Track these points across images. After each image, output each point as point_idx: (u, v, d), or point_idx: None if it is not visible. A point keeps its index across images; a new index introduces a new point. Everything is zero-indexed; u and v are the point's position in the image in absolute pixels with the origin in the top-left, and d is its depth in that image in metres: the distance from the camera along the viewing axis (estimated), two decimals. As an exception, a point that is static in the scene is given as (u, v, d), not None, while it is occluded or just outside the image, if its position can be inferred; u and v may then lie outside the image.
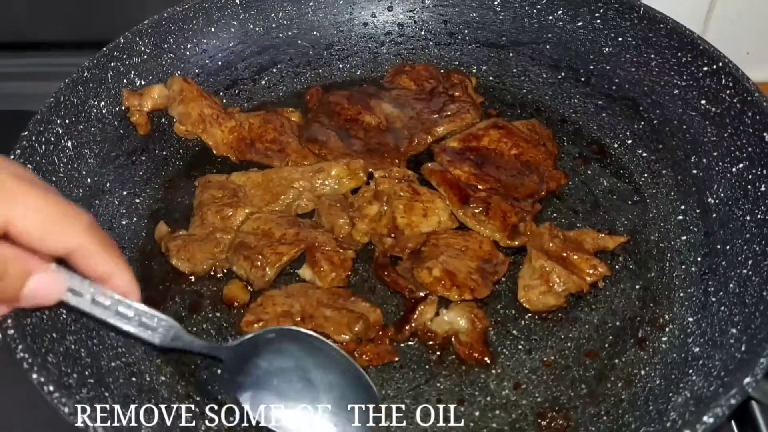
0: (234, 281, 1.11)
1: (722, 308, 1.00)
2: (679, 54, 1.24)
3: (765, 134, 1.08)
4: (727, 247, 1.07)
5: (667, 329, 1.04)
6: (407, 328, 1.02)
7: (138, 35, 1.30)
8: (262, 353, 0.94)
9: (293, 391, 0.92)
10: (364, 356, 1.00)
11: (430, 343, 1.03)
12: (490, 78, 1.45)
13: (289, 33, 1.46)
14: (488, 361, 1.01)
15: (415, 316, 1.02)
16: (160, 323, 0.88)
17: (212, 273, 1.14)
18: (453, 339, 1.02)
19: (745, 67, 1.17)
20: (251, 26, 1.43)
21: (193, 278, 1.13)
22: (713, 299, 1.03)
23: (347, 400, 0.92)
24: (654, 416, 0.91)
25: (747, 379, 0.79)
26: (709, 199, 1.15)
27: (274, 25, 1.45)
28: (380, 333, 1.03)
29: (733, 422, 1.04)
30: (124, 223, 1.21)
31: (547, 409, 0.98)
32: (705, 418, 0.76)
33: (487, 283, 1.04)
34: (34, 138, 1.11)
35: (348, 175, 1.19)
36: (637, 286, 1.10)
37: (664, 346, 1.03)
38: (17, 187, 0.75)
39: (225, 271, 1.13)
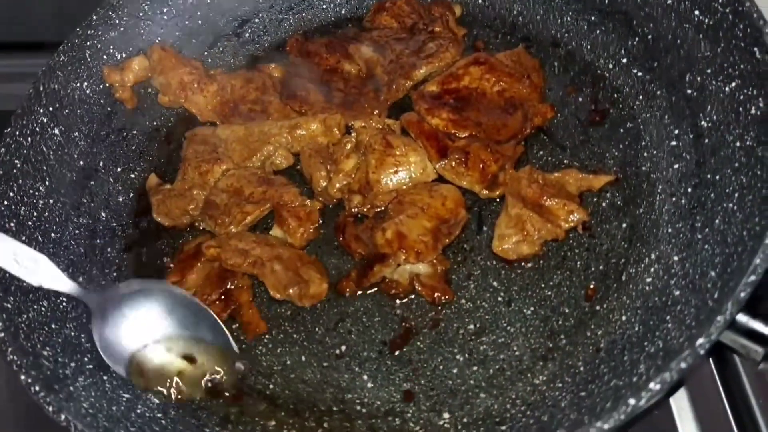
0: None
1: (706, 246, 0.96)
2: (671, -40, 1.13)
3: (756, 50, 0.98)
4: (717, 177, 1.01)
5: (652, 269, 1.01)
6: (365, 281, 1.05)
7: (111, 9, 1.29)
8: (126, 303, 1.02)
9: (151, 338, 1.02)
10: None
11: (393, 292, 1.05)
12: (479, 1, 1.37)
13: (269, -22, 1.42)
14: (450, 299, 1.03)
15: (373, 272, 1.03)
16: (31, 257, 0.96)
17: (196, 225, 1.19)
18: (416, 282, 1.04)
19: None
20: (226, -23, 1.40)
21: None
22: (699, 236, 0.98)
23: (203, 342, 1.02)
24: (627, 367, 0.90)
25: (700, 340, 0.76)
26: (702, 123, 1.07)
27: (250, -28, 1.41)
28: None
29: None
30: (120, 200, 1.25)
31: (524, 362, 0.98)
32: (651, 385, 0.75)
33: (437, 245, 1.04)
34: (18, 132, 1.14)
35: (323, 131, 1.18)
36: (624, 225, 1.07)
37: (647, 288, 1.00)
38: None
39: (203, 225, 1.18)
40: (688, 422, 1.00)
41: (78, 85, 1.25)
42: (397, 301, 1.06)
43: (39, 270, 0.97)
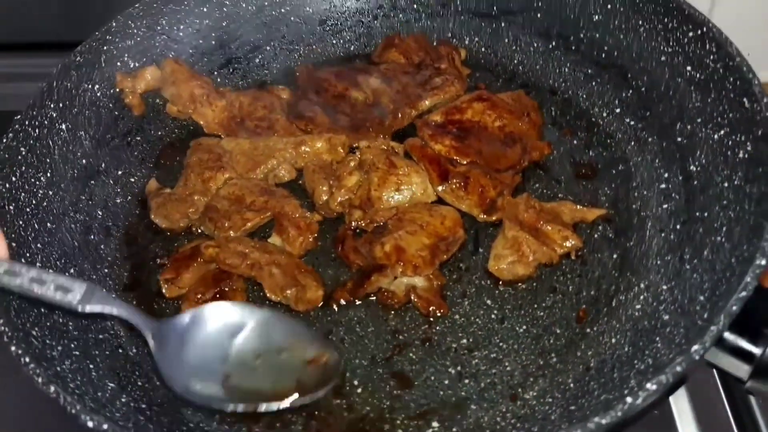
0: None
1: (695, 275, 1.00)
2: (666, 20, 1.21)
3: (745, 99, 1.05)
4: (705, 214, 1.06)
5: (641, 297, 1.04)
6: (361, 290, 1.06)
7: (130, 18, 1.33)
8: (188, 331, 0.95)
9: (219, 364, 0.94)
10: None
11: (389, 302, 1.06)
12: (482, 49, 1.45)
13: (282, 10, 1.48)
14: (444, 312, 1.05)
15: (371, 281, 1.05)
16: (78, 285, 0.87)
17: (192, 230, 1.20)
18: (412, 293, 1.05)
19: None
20: (243, 5, 1.45)
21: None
22: (688, 266, 1.02)
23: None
24: (616, 383, 0.91)
25: (695, 347, 0.79)
26: (692, 167, 1.13)
27: (266, 3, 1.47)
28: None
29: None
30: (118, 201, 1.26)
31: (515, 377, 0.99)
32: (648, 385, 0.77)
33: (434, 261, 1.06)
34: (27, 122, 1.16)
35: (328, 150, 1.22)
36: (615, 255, 1.10)
37: (637, 313, 1.02)
38: None
39: (201, 230, 1.19)
40: (688, 423, 1.01)
41: (89, 86, 1.27)
42: (391, 314, 1.07)
43: (88, 295, 0.87)
